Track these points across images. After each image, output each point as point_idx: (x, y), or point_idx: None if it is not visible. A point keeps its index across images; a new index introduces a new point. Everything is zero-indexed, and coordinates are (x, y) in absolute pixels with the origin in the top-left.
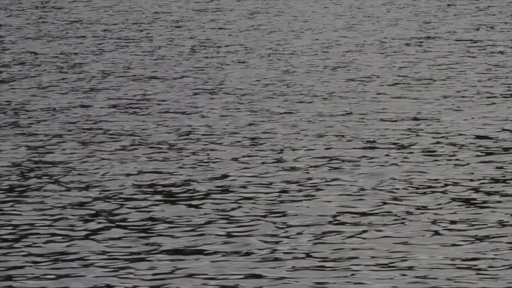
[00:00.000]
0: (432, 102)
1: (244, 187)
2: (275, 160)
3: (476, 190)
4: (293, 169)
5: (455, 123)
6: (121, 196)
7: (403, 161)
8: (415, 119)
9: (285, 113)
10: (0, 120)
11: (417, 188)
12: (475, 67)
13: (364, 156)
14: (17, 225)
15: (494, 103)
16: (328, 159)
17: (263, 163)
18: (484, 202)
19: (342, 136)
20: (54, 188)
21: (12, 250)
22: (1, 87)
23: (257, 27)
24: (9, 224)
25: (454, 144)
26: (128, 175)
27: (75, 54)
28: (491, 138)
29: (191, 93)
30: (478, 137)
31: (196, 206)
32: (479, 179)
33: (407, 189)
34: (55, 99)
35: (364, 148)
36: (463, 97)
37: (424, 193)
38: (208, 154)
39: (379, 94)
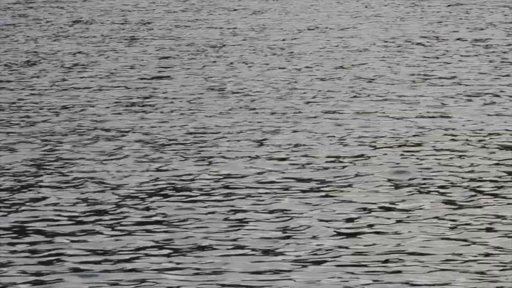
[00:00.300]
0: (441, 100)
1: (257, 186)
2: (289, 159)
3: (493, 186)
4: (306, 167)
5: (467, 121)
6: (132, 194)
7: (417, 158)
8: (426, 117)
9: (294, 112)
10: (9, 119)
11: (434, 185)
12: (482, 66)
13: (376, 154)
14: (33, 223)
15: (504, 101)
16: (340, 157)
17: (273, 161)
18: (504, 197)
19: (351, 134)
20: (63, 186)
21: (34, 248)
22: (11, 86)
23: (262, 26)
24: (24, 222)
25: (466, 141)
26: (139, 173)
27: (81, 53)
28: (504, 135)
29: (198, 92)
30: (491, 134)
31: (212, 205)
32: (494, 176)
33: (423, 186)
34: (63, 98)
35: (376, 146)
36: (471, 95)
37: (441, 190)
38: (220, 153)
39: (387, 92)
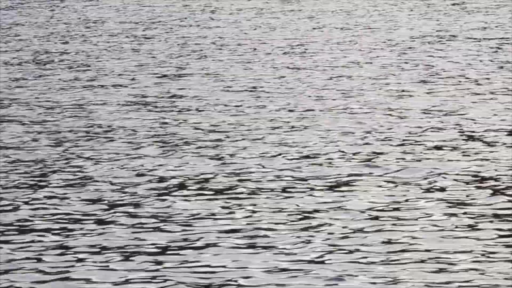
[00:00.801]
0: (450, 99)
1: (271, 182)
2: (301, 157)
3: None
4: (321, 165)
5: (479, 118)
6: (140, 192)
7: (431, 157)
8: (436, 115)
9: (306, 110)
10: (23, 118)
11: (447, 183)
12: (489, 65)
13: (388, 152)
14: (49, 220)
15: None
16: (351, 155)
17: (288, 159)
18: None
19: (366, 132)
20: (76, 184)
21: (48, 243)
22: (20, 85)
23: (271, 26)
24: (39, 218)
25: (479, 139)
26: (149, 170)
27: (92, 52)
28: None
29: (209, 90)
30: (505, 131)
31: (221, 202)
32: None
33: (438, 183)
34: (73, 97)
35: (389, 144)
36: (479, 94)
37: (455, 188)
38: (231, 151)
39: (397, 91)
